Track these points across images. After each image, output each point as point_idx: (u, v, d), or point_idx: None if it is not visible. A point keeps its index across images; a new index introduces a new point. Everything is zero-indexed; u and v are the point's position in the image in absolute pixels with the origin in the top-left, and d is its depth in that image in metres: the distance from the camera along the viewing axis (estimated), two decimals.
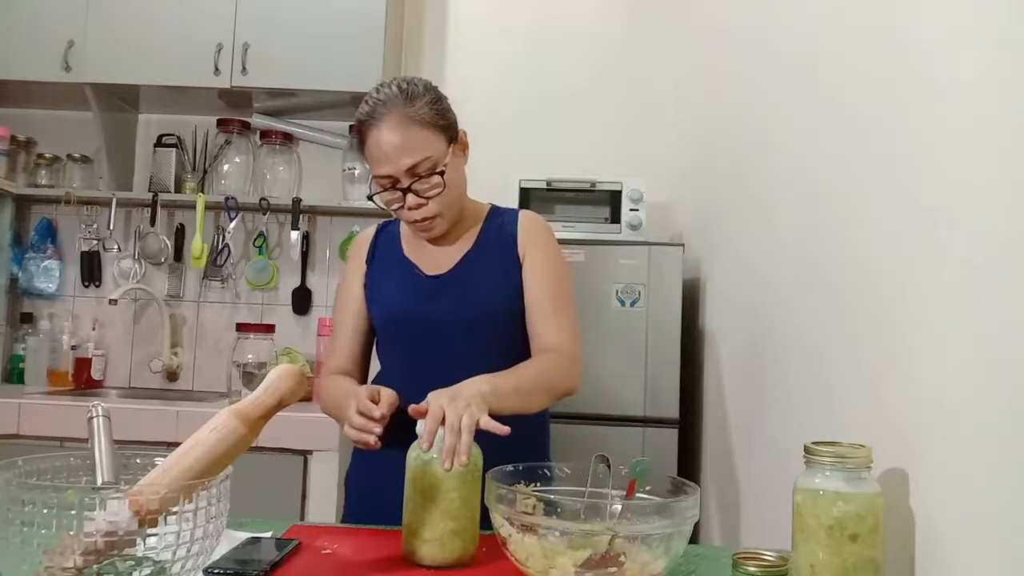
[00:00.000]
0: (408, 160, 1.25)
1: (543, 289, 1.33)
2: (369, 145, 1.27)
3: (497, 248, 1.37)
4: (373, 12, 2.55)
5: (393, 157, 1.25)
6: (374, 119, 1.26)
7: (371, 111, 1.27)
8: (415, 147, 1.25)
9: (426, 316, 1.33)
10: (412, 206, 1.27)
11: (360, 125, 1.29)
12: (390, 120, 1.25)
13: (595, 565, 0.89)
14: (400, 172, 1.25)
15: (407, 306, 1.35)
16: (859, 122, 1.17)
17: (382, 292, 1.39)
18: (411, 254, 1.40)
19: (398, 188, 1.27)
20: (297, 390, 0.94)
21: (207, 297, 2.81)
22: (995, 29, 0.82)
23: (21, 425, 2.19)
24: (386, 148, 1.25)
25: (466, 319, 1.32)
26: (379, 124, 1.25)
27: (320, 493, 2.16)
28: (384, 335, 1.40)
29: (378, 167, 1.27)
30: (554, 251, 1.38)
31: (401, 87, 1.28)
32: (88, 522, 0.73)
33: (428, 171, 1.26)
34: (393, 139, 1.25)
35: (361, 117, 1.29)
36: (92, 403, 0.91)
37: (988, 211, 0.81)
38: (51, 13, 2.54)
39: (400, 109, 1.26)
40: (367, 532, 1.15)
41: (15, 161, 2.73)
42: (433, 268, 1.37)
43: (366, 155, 1.30)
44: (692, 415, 2.29)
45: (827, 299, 1.26)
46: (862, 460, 0.88)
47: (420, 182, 1.26)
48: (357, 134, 1.32)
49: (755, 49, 1.83)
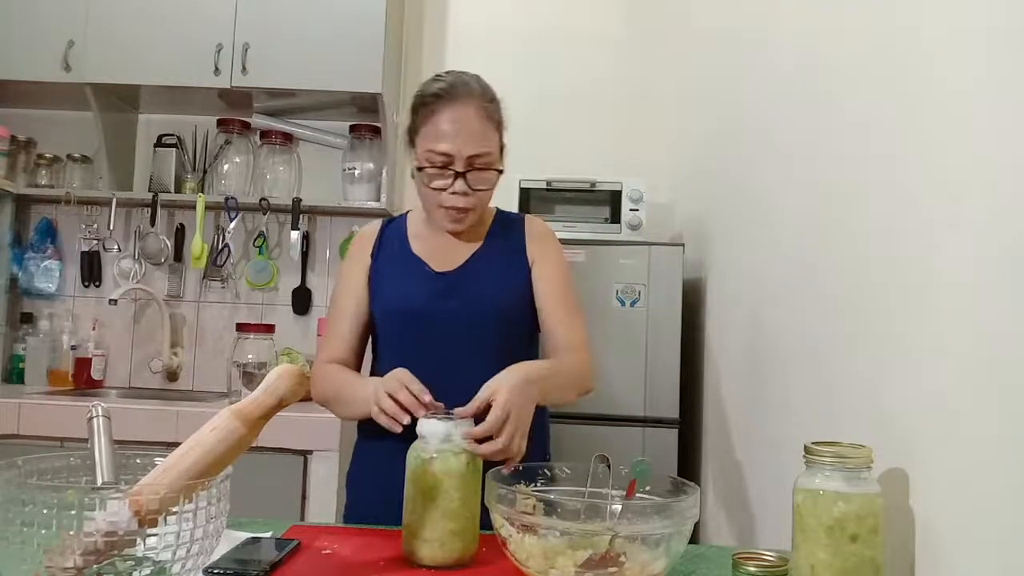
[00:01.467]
0: (474, 148, 1.28)
1: (558, 293, 1.37)
2: (437, 119, 1.28)
3: (505, 249, 1.40)
4: (373, 12, 2.55)
5: (463, 139, 1.27)
6: (452, 97, 1.28)
7: (449, 88, 1.29)
8: (484, 139, 1.30)
9: (436, 311, 1.34)
10: (458, 191, 1.29)
11: (429, 99, 1.30)
12: (470, 105, 1.29)
13: (595, 565, 0.89)
14: (461, 156, 1.28)
15: (418, 301, 1.35)
16: (859, 122, 1.17)
17: (390, 287, 1.38)
18: (419, 251, 1.40)
19: (451, 169, 1.28)
20: (297, 390, 0.94)
21: (207, 297, 2.81)
22: (995, 29, 0.82)
23: (21, 425, 2.18)
24: (460, 128, 1.27)
25: (475, 316, 1.34)
26: (456, 104, 1.28)
27: (320, 493, 2.16)
28: (388, 329, 1.39)
29: (439, 143, 1.28)
30: (562, 256, 1.43)
31: (481, 82, 1.34)
32: (88, 522, 0.73)
33: (485, 165, 1.30)
34: (469, 123, 1.28)
35: (434, 91, 1.30)
36: (92, 403, 0.91)
37: (988, 211, 0.81)
38: (51, 13, 2.54)
39: (480, 101, 1.30)
40: (367, 532, 1.15)
41: (15, 161, 2.73)
42: (442, 265, 1.38)
43: (424, 128, 1.30)
44: (692, 415, 2.29)
45: (827, 299, 1.26)
46: (862, 460, 0.88)
47: (474, 173, 1.30)
48: (419, 106, 1.31)
49: (755, 49, 1.83)
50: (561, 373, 1.29)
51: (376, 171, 2.73)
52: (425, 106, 1.31)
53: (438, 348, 1.32)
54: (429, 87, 1.32)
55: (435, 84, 1.32)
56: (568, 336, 1.35)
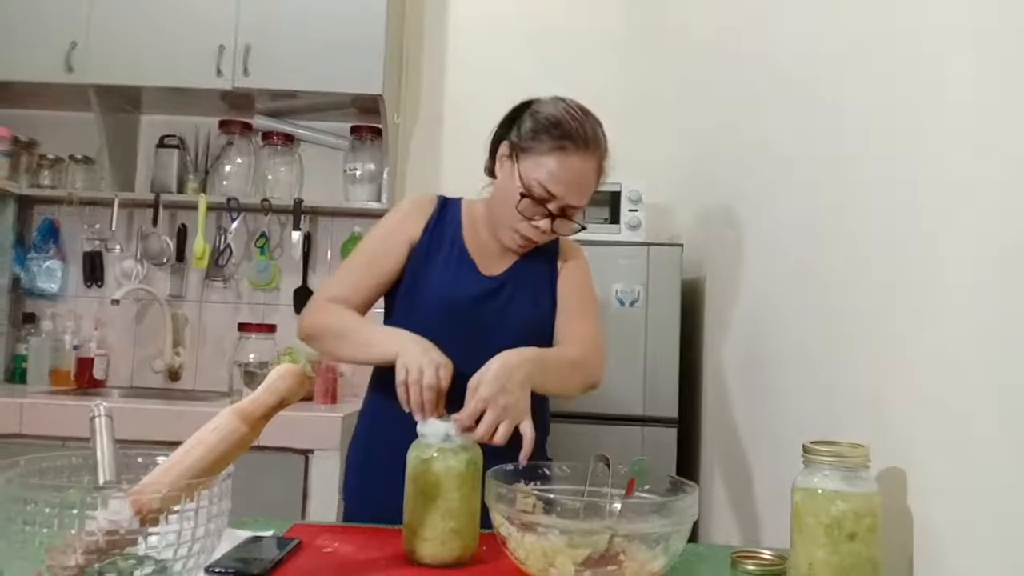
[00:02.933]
0: (578, 200, 1.30)
1: (571, 296, 1.40)
2: (557, 157, 1.26)
3: (540, 261, 1.42)
4: (374, 13, 2.55)
5: (571, 190, 1.28)
6: (578, 145, 1.27)
7: (580, 132, 1.27)
8: (587, 193, 1.31)
9: (478, 311, 1.35)
10: (543, 229, 1.30)
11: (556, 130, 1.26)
12: (592, 160, 1.30)
13: (595, 564, 0.90)
14: (563, 201, 1.28)
15: (464, 298, 1.35)
16: (859, 122, 1.17)
17: (439, 276, 1.37)
18: (471, 247, 1.40)
19: (547, 206, 1.28)
20: (298, 390, 0.94)
21: (209, 297, 2.82)
22: (995, 29, 0.82)
23: (23, 425, 2.19)
24: (575, 179, 1.28)
25: (511, 321, 1.35)
26: (585, 155, 1.28)
27: (321, 492, 2.16)
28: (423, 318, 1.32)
29: (551, 182, 1.27)
30: (587, 272, 1.45)
31: (605, 137, 1.33)
32: (90, 521, 0.73)
33: (573, 215, 1.31)
34: (586, 178, 1.29)
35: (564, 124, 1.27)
36: (94, 403, 0.91)
37: (988, 211, 0.81)
38: (53, 14, 2.55)
39: (599, 156, 1.31)
40: (368, 531, 1.15)
41: (18, 162, 2.74)
42: (487, 268, 1.39)
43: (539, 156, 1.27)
44: (691, 414, 2.29)
45: (826, 299, 1.26)
46: (860, 459, 0.88)
47: (564, 220, 1.31)
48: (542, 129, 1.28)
49: (755, 50, 1.83)
50: (555, 358, 1.28)
51: (377, 172, 2.74)
52: (552, 137, 1.27)
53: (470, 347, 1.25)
54: (560, 114, 1.28)
55: (567, 116, 1.28)
56: (575, 330, 1.36)
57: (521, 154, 1.29)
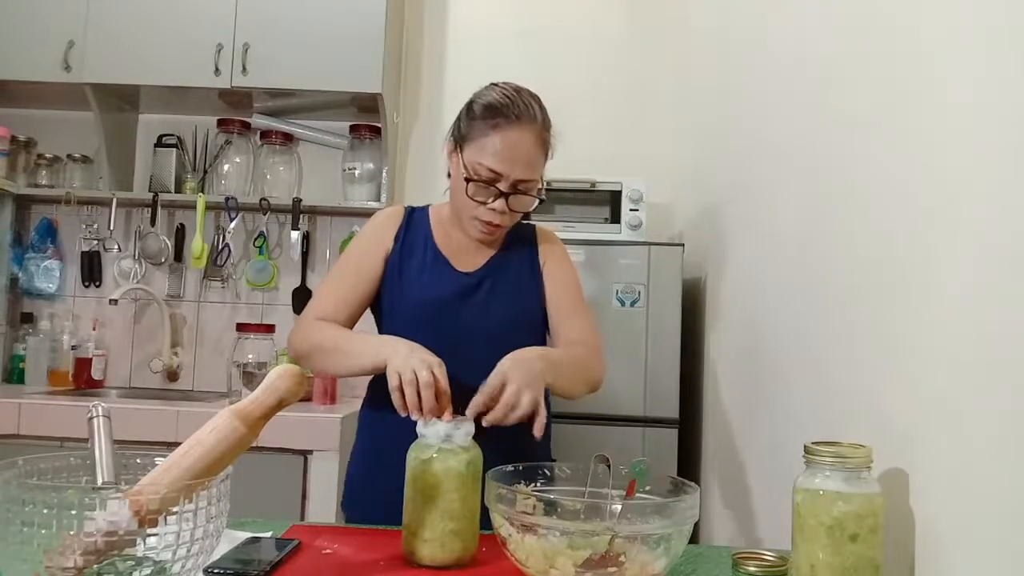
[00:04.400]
0: (524, 174, 1.29)
1: (566, 295, 1.41)
2: (495, 136, 1.28)
3: (520, 254, 1.42)
4: (373, 12, 2.55)
5: (516, 163, 1.28)
6: (516, 120, 1.28)
7: (515, 109, 1.29)
8: (535, 167, 1.31)
9: (458, 309, 1.35)
10: (498, 209, 1.30)
11: (490, 112, 1.29)
12: (531, 132, 1.30)
13: (595, 565, 0.89)
14: (510, 178, 1.29)
15: (442, 298, 1.35)
16: (859, 122, 1.17)
17: (415, 279, 1.37)
18: (443, 248, 1.40)
19: (496, 187, 1.29)
20: (297, 390, 0.94)
21: (207, 297, 2.81)
22: (995, 29, 0.82)
23: (21, 425, 2.19)
24: (515, 153, 1.28)
25: (494, 317, 1.35)
26: (519, 128, 1.29)
27: (320, 493, 2.16)
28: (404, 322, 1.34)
29: (493, 161, 1.28)
30: (571, 263, 1.47)
31: (542, 107, 1.34)
32: (88, 522, 0.73)
33: (527, 190, 1.31)
34: (527, 150, 1.29)
35: (495, 105, 1.29)
36: (92, 403, 0.91)
37: (988, 211, 0.81)
38: (51, 13, 2.55)
39: (540, 128, 1.32)
40: (367, 532, 1.15)
41: (15, 161, 2.73)
42: (464, 265, 1.39)
43: (479, 139, 1.29)
44: (692, 415, 2.29)
45: (827, 299, 1.26)
46: (862, 460, 0.88)
47: (518, 196, 1.31)
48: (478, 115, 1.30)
49: (755, 48, 1.83)
50: (565, 358, 1.29)
51: (376, 171, 2.74)
52: (483, 118, 1.29)
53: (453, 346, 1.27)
54: (491, 97, 1.31)
55: (497, 96, 1.30)
56: (574, 332, 1.37)
57: (463, 144, 1.32)
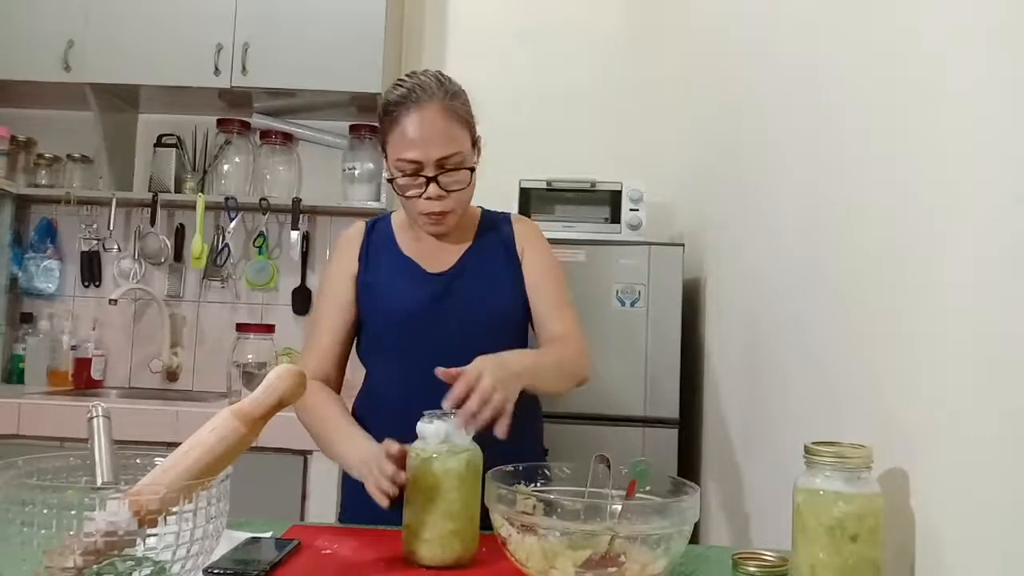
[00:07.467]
0: (442, 151, 1.25)
1: (547, 287, 1.38)
2: (402, 127, 1.26)
3: (495, 248, 1.39)
4: (373, 12, 2.55)
5: (428, 144, 1.25)
6: (412, 102, 1.25)
7: (408, 94, 1.26)
8: (451, 139, 1.26)
9: (433, 312, 1.34)
10: (433, 196, 1.27)
11: (391, 107, 1.27)
12: (431, 107, 1.25)
13: (595, 565, 0.89)
14: (429, 160, 1.25)
15: (415, 303, 1.34)
16: (859, 122, 1.17)
17: (385, 290, 1.37)
18: (409, 252, 1.39)
19: (422, 175, 1.26)
20: (297, 390, 0.94)
21: (207, 297, 2.81)
22: (995, 29, 0.82)
23: (21, 425, 2.18)
24: (423, 133, 1.24)
25: (471, 315, 1.34)
26: (418, 108, 1.25)
27: (320, 493, 2.16)
28: (382, 332, 1.37)
29: (407, 150, 1.25)
30: (551, 253, 1.43)
31: (441, 80, 1.29)
32: (88, 522, 0.73)
33: (456, 165, 1.27)
34: (433, 126, 1.25)
35: (394, 99, 1.27)
36: (92, 403, 0.91)
37: (988, 211, 0.81)
38: (51, 13, 2.54)
39: (442, 100, 1.27)
40: (367, 532, 1.15)
41: (15, 161, 2.73)
42: (434, 266, 1.37)
43: (391, 137, 1.28)
44: (692, 415, 2.29)
45: (827, 299, 1.26)
46: (862, 460, 0.88)
47: (446, 175, 1.27)
48: (383, 116, 1.29)
49: (755, 48, 1.83)
50: (546, 361, 1.28)
51: (376, 171, 2.73)
52: (388, 115, 1.28)
53: (434, 349, 1.29)
54: (390, 94, 1.29)
55: (395, 90, 1.29)
56: (556, 327, 1.35)
57: (385, 149, 1.32)
